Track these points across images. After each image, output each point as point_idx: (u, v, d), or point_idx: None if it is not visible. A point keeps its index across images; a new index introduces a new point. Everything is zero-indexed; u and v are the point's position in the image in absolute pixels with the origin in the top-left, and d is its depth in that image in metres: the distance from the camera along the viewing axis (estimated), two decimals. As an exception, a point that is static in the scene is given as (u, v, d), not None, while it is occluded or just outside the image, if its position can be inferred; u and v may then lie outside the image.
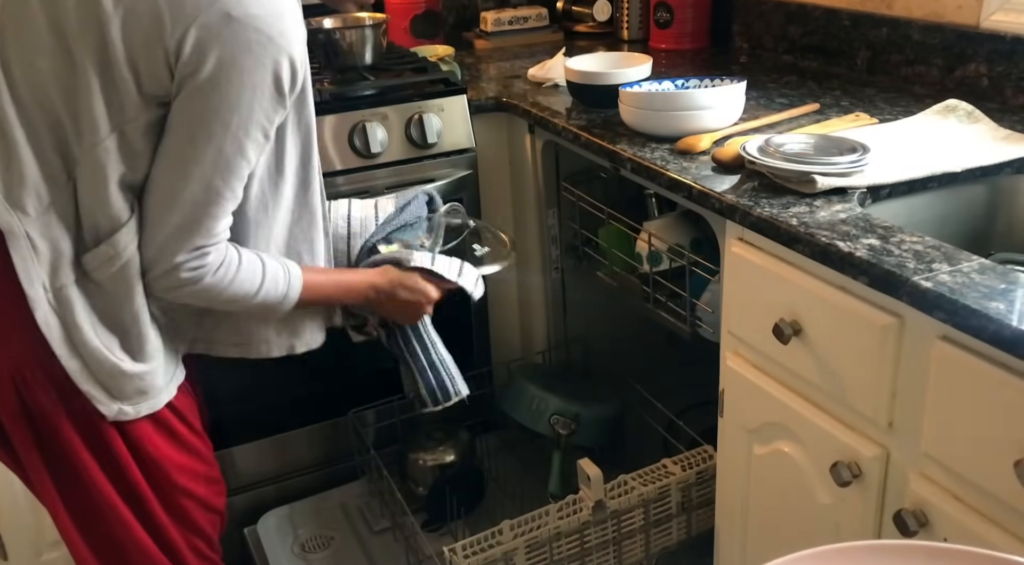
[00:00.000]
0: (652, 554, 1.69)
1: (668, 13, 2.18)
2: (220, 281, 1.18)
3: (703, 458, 1.67)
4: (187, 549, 1.31)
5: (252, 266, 1.21)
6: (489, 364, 2.15)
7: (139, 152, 1.12)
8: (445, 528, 1.92)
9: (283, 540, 1.92)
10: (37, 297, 1.12)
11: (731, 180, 1.33)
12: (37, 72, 1.08)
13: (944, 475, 1.04)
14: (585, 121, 1.68)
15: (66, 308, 1.14)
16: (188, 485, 1.30)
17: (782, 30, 2.03)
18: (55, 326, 1.13)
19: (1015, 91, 1.57)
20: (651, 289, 1.66)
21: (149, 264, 1.16)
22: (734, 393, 1.38)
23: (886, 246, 1.07)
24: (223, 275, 1.18)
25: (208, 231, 1.14)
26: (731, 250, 1.32)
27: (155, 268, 1.15)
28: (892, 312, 1.06)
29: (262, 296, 1.23)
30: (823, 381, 1.18)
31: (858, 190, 1.23)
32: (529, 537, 1.53)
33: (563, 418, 1.88)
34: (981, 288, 0.96)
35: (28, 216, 1.10)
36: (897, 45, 1.77)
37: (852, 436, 1.16)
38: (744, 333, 1.33)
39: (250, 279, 1.21)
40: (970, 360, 0.97)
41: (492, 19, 2.40)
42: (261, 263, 1.22)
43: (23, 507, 1.74)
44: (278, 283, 1.24)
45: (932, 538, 1.06)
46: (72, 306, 1.14)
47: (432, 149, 1.87)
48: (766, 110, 1.63)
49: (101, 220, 1.13)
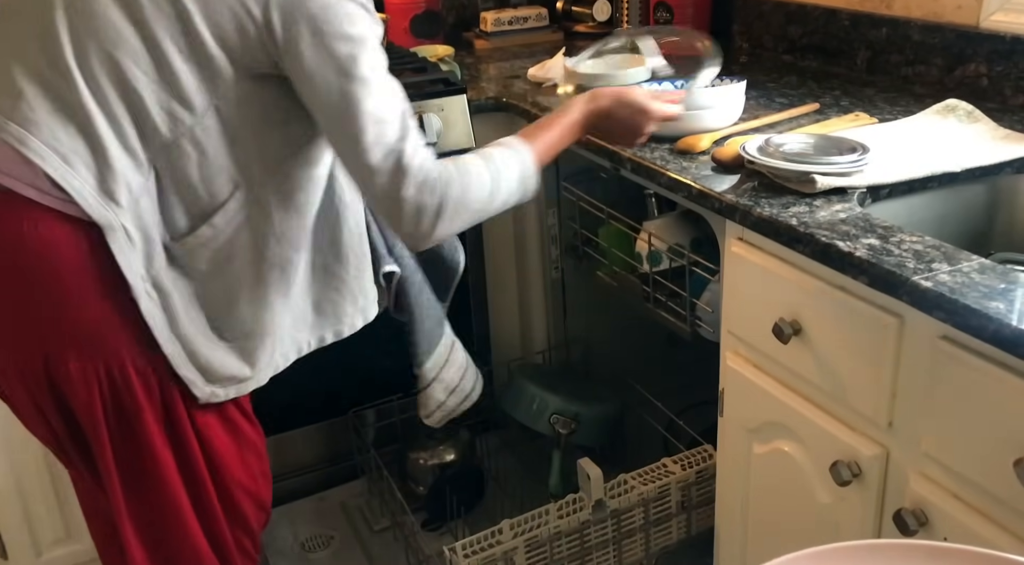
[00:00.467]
0: (652, 553, 1.69)
1: (668, 13, 2.18)
2: (452, 171, 1.15)
3: (703, 457, 1.67)
4: (235, 548, 1.32)
5: (475, 155, 1.20)
6: (489, 364, 2.15)
7: (236, 126, 1.13)
8: (445, 527, 1.92)
9: (283, 540, 1.92)
10: (138, 287, 1.12)
11: (731, 180, 1.33)
12: (117, 65, 1.08)
13: (944, 475, 1.05)
14: (585, 121, 1.67)
15: (164, 296, 1.15)
16: (246, 481, 1.30)
17: (782, 30, 2.03)
18: (158, 315, 1.14)
19: (1015, 91, 1.58)
20: (651, 289, 1.66)
21: (372, 176, 1.12)
22: (734, 393, 1.38)
23: (886, 246, 1.07)
24: (451, 165, 1.16)
25: (405, 128, 1.13)
26: (731, 250, 1.32)
27: (380, 174, 1.11)
28: (892, 312, 1.06)
29: (506, 176, 1.20)
30: (823, 381, 1.19)
31: (858, 190, 1.23)
32: (529, 536, 1.53)
33: (563, 418, 1.88)
34: (981, 288, 0.96)
35: (121, 208, 1.10)
36: (897, 45, 1.77)
37: (852, 436, 1.16)
38: (744, 333, 1.33)
39: (477, 162, 1.19)
40: (970, 360, 0.97)
41: (492, 19, 2.40)
42: (482, 151, 1.21)
43: (23, 507, 1.74)
44: (508, 159, 1.21)
45: (932, 538, 1.06)
46: (168, 293, 1.15)
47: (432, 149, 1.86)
48: (766, 110, 1.63)
49: (202, 201, 1.15)
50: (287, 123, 1.18)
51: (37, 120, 1.07)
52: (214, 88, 1.11)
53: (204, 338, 1.19)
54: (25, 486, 1.73)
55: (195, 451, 1.22)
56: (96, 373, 1.13)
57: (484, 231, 2.04)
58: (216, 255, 1.17)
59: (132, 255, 1.11)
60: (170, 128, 1.11)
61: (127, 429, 1.17)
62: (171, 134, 1.11)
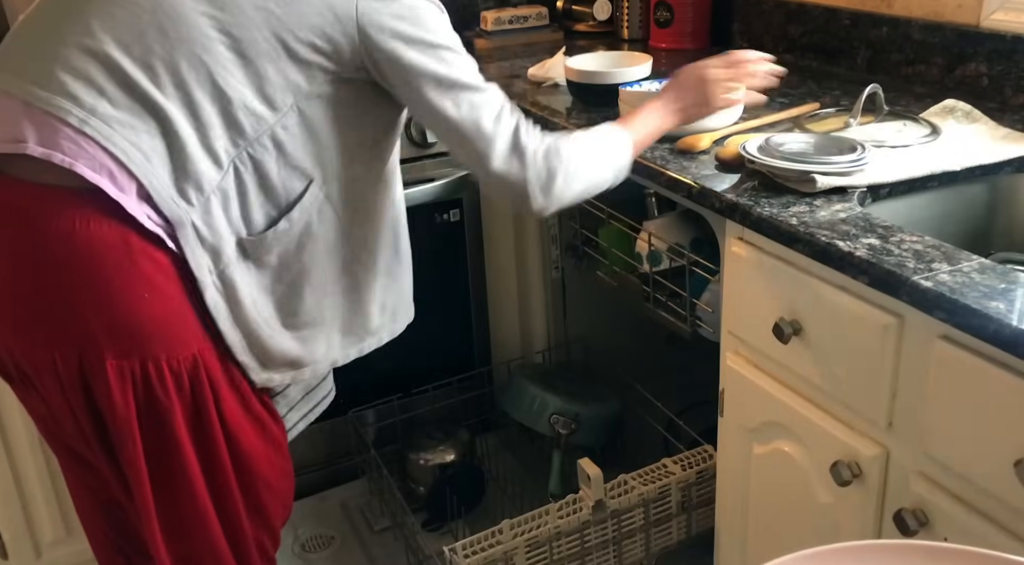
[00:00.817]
0: (652, 554, 1.69)
1: (668, 12, 2.18)
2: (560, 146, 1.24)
3: (703, 458, 1.67)
4: (255, 548, 1.33)
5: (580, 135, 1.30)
6: (489, 364, 2.15)
7: (316, 124, 1.19)
8: (445, 527, 1.92)
9: (283, 540, 1.91)
10: (205, 280, 1.16)
11: (731, 179, 1.33)
12: (205, 66, 1.12)
13: (944, 475, 1.04)
14: (585, 120, 1.67)
15: (230, 287, 1.19)
16: (273, 479, 1.32)
17: (782, 29, 2.03)
18: (222, 305, 1.19)
19: (1015, 90, 1.57)
20: (651, 289, 1.66)
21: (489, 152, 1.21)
22: (734, 393, 1.38)
23: (886, 246, 1.07)
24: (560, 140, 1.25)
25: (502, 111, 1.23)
26: (731, 250, 1.32)
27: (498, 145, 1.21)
28: (892, 312, 1.06)
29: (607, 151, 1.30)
30: (823, 381, 1.18)
31: (858, 189, 1.23)
32: (529, 537, 1.53)
33: (563, 418, 1.88)
34: (981, 288, 0.96)
35: (193, 206, 1.14)
36: (897, 44, 1.77)
37: (852, 436, 1.16)
38: (744, 333, 1.33)
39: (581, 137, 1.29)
40: (970, 360, 0.97)
41: (492, 18, 2.40)
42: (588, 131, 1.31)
43: (23, 507, 1.74)
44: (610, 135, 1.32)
45: (932, 538, 1.06)
46: (235, 285, 1.19)
47: (432, 149, 1.87)
48: (766, 110, 1.63)
49: (279, 197, 1.20)
50: (363, 123, 1.25)
51: (120, 119, 1.10)
52: (298, 89, 1.16)
53: (267, 327, 1.24)
54: (25, 486, 1.73)
55: (222, 451, 1.23)
56: (132, 371, 1.14)
57: (484, 231, 2.04)
58: (287, 249, 1.23)
59: (199, 251, 1.15)
60: (253, 127, 1.15)
61: (157, 428, 1.18)
62: (253, 132, 1.15)
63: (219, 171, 1.15)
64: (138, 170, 1.10)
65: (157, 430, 1.18)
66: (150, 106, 1.11)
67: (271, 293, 1.25)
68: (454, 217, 1.99)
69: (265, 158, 1.17)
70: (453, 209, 1.98)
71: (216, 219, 1.16)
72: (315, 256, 1.26)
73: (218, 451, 1.22)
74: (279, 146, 1.18)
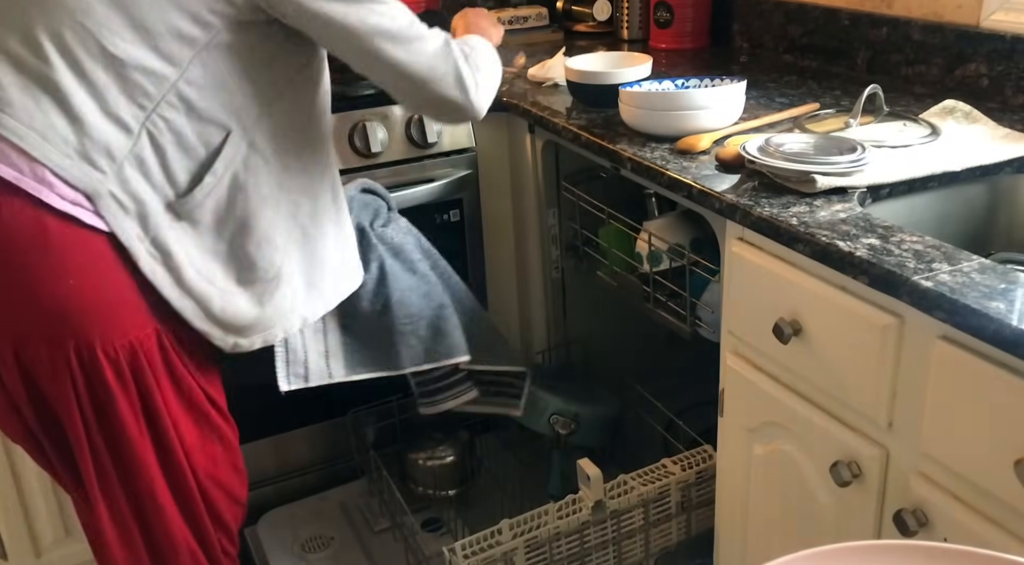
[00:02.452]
0: (652, 554, 1.69)
1: (668, 13, 2.18)
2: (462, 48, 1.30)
3: (703, 458, 1.67)
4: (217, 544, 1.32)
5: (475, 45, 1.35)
6: (489, 364, 2.15)
7: (221, 73, 1.16)
8: (445, 528, 1.92)
9: (283, 540, 1.92)
10: (136, 249, 1.15)
11: (731, 180, 1.33)
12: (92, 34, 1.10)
13: (944, 475, 1.04)
14: (585, 121, 1.68)
15: (166, 253, 1.17)
16: (211, 470, 1.29)
17: (782, 30, 2.03)
18: (161, 273, 1.17)
19: (1015, 91, 1.57)
20: (651, 289, 1.66)
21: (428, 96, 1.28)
22: (734, 393, 1.38)
23: (886, 246, 1.07)
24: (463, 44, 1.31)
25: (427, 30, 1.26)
26: (731, 250, 1.32)
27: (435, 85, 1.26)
28: (892, 312, 1.06)
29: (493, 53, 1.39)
30: (823, 381, 1.18)
31: (858, 190, 1.23)
32: (529, 537, 1.53)
33: (563, 418, 1.88)
34: (981, 288, 0.96)
35: (105, 174, 1.12)
36: (897, 45, 1.77)
37: (852, 436, 1.16)
38: (744, 333, 1.33)
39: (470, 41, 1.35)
40: (970, 360, 0.96)
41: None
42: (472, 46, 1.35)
43: (23, 507, 1.74)
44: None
45: (932, 538, 1.06)
46: (170, 250, 1.17)
47: (432, 149, 1.86)
48: (766, 110, 1.63)
49: (199, 152, 1.17)
50: (273, 65, 1.21)
51: (10, 99, 1.09)
52: (195, 41, 1.13)
53: (216, 288, 1.21)
54: (25, 486, 1.73)
55: (172, 439, 1.22)
56: (66, 360, 1.13)
57: (484, 231, 2.04)
58: (219, 204, 1.20)
59: (125, 220, 1.13)
60: (155, 86, 1.13)
61: (102, 416, 1.17)
62: (157, 92, 1.13)
63: (129, 136, 1.13)
64: (36, 151, 1.08)
65: (104, 419, 1.17)
66: (41, 82, 1.10)
67: (215, 253, 1.22)
68: (454, 217, 1.99)
69: (175, 116, 1.15)
70: (453, 209, 1.98)
71: (135, 185, 1.14)
72: (252, 209, 1.23)
73: (169, 440, 1.21)
74: (186, 102, 1.15)
